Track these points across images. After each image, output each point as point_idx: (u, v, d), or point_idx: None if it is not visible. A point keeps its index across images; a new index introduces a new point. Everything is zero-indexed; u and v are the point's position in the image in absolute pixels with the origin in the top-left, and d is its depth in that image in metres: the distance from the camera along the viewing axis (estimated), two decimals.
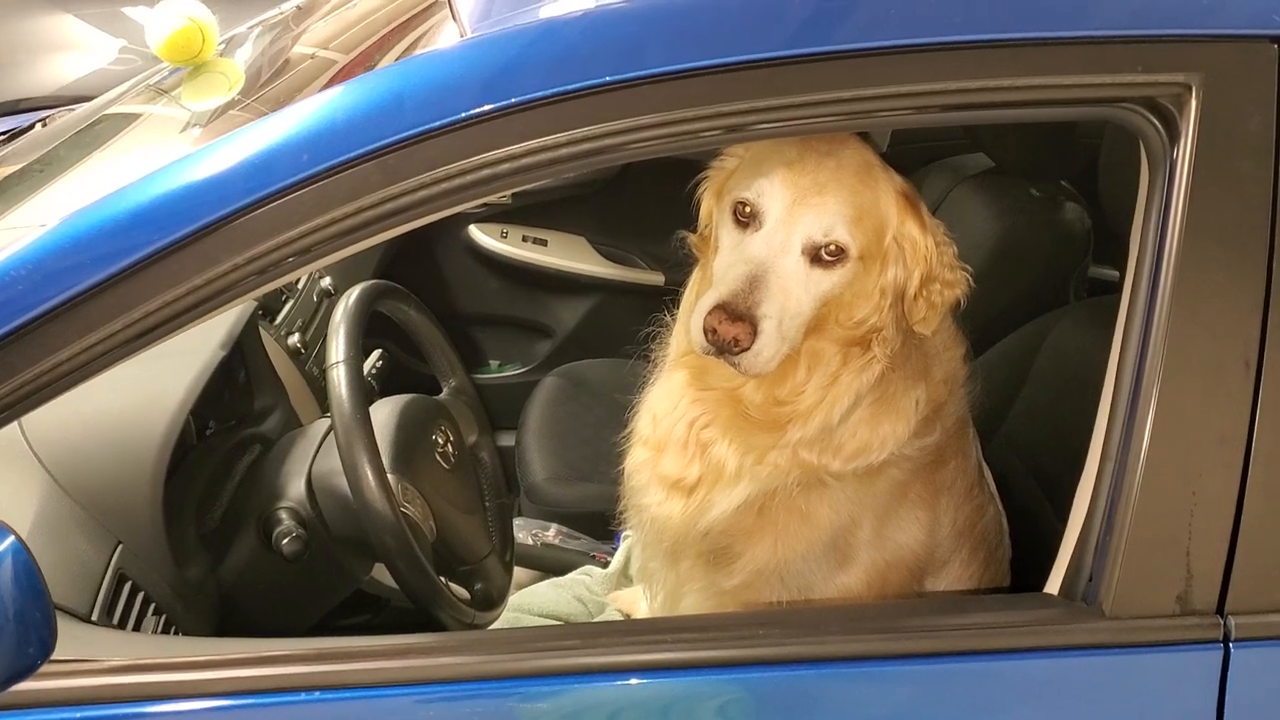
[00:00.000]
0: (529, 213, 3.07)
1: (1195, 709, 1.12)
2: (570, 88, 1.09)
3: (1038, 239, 2.33)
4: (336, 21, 1.79)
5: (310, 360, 2.10)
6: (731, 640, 1.16)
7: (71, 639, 1.16)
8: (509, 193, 3.00)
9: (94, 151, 1.58)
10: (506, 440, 2.77)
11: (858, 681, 1.15)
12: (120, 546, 1.40)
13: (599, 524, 2.25)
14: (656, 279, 3.06)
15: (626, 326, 1.68)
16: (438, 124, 1.09)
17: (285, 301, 2.16)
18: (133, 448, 1.48)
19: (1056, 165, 2.33)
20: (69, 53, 4.29)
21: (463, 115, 1.09)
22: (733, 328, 1.28)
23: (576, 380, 2.80)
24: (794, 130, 1.20)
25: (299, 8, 1.99)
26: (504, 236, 3.06)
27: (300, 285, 2.23)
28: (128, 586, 1.37)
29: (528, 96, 1.09)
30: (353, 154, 1.09)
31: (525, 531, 2.33)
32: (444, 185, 1.10)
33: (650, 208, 2.49)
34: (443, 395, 1.91)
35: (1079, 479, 1.21)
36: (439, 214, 1.15)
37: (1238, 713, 1.11)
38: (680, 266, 1.59)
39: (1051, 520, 1.60)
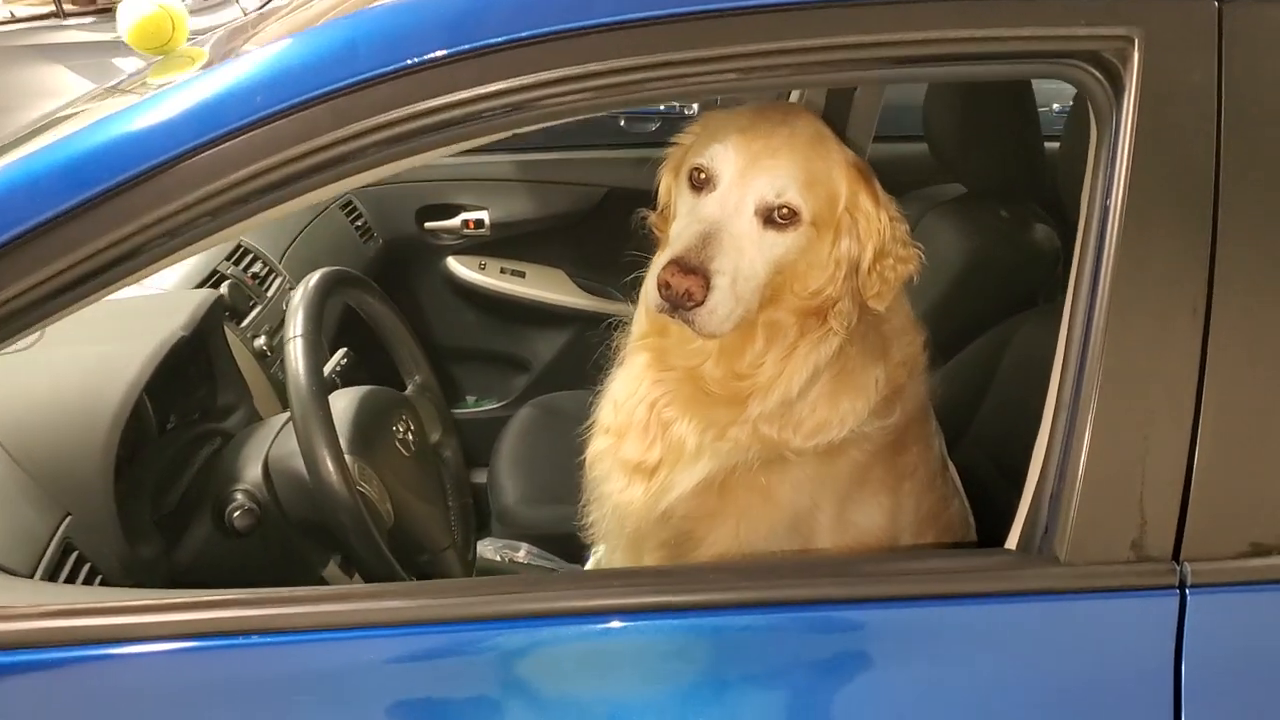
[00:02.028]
0: (508, 245, 3.09)
1: (1153, 654, 1.09)
2: (525, 35, 1.10)
3: (1006, 259, 2.34)
4: (293, 21, 1.81)
5: (276, 365, 2.09)
6: (685, 586, 1.14)
7: (7, 590, 1.14)
8: (488, 224, 3.04)
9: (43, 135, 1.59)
10: (480, 478, 2.73)
11: (813, 626, 1.12)
12: (69, 518, 1.38)
13: (570, 544, 2.22)
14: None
15: (603, 359, 1.67)
16: (390, 68, 1.10)
17: (253, 306, 2.15)
18: (86, 420, 1.46)
19: (1027, 187, 2.36)
20: (59, 101, 4.35)
21: (415, 60, 1.10)
22: (685, 280, 1.28)
23: (551, 410, 2.78)
24: (747, 86, 1.21)
25: (260, 13, 2.02)
26: (482, 268, 3.07)
27: (270, 293, 2.23)
28: (74, 556, 1.35)
29: (481, 42, 1.10)
30: (305, 96, 1.10)
31: (494, 549, 2.31)
32: (394, 130, 1.11)
33: (629, 241, 2.50)
34: (407, 392, 1.90)
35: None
36: (390, 164, 1.16)
37: (1195, 658, 1.08)
38: None
39: None
